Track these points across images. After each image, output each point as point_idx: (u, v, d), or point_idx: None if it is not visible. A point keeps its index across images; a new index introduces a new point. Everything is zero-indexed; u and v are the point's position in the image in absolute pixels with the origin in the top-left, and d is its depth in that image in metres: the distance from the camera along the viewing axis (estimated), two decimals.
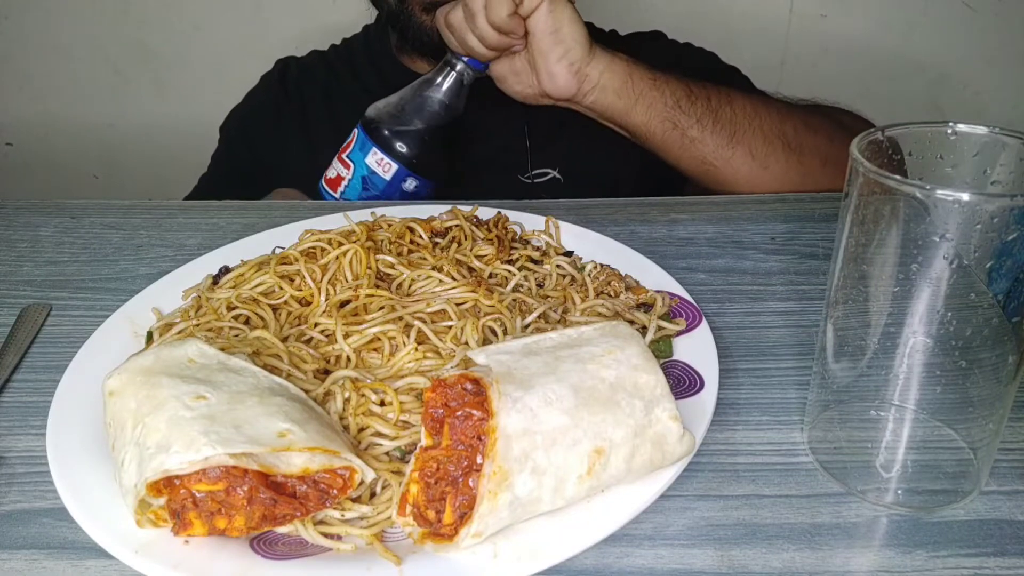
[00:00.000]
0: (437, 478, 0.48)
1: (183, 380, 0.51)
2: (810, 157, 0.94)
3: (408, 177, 0.88)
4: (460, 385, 0.50)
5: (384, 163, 0.87)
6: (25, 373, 0.66)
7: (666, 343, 0.65)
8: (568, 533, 0.48)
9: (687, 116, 0.92)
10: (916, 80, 1.62)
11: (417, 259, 0.73)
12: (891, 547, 0.50)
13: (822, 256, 0.81)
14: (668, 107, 0.91)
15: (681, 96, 0.92)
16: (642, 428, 0.50)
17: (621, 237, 0.79)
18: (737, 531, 0.51)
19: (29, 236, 0.86)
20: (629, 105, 0.91)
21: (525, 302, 0.69)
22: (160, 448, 0.47)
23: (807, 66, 1.60)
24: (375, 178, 0.88)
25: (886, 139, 0.49)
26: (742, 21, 1.57)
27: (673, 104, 0.92)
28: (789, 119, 0.95)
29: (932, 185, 0.44)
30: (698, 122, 0.92)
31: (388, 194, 0.90)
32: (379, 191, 0.89)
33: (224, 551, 0.48)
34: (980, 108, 1.65)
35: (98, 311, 0.72)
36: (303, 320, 0.68)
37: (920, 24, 1.56)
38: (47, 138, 1.65)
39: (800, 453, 0.57)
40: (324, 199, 0.95)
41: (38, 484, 0.55)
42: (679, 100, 0.92)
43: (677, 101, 0.92)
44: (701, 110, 0.92)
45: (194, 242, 0.84)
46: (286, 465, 0.48)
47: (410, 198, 0.91)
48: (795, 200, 0.91)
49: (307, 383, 0.59)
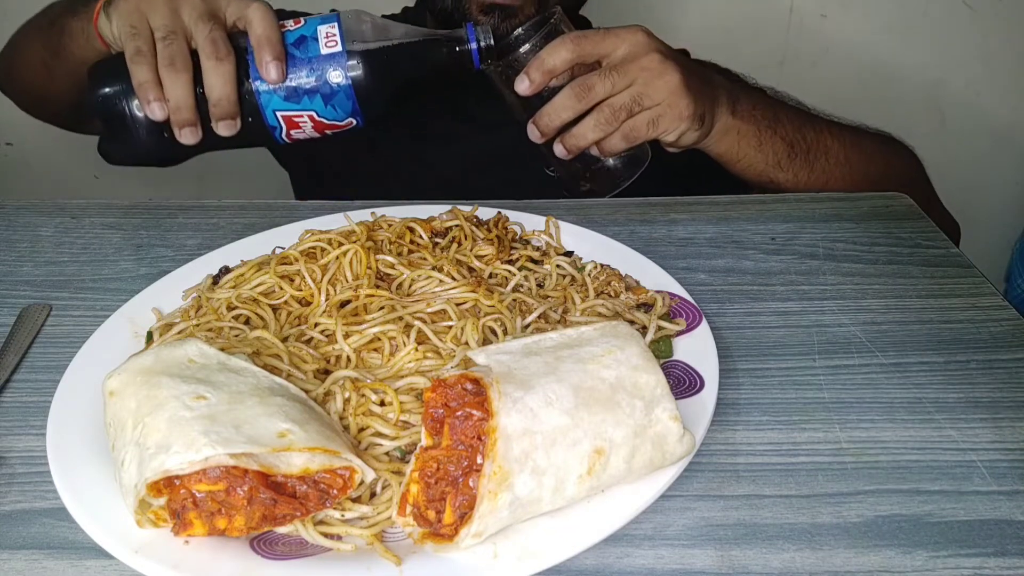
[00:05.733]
0: (437, 478, 0.48)
1: (183, 380, 0.51)
2: (869, 184, 0.97)
3: (340, 72, 0.77)
4: (460, 385, 0.50)
5: (331, 39, 0.77)
6: (25, 373, 0.66)
7: (666, 343, 0.65)
8: (568, 533, 0.48)
9: (783, 172, 0.94)
10: (916, 80, 1.61)
11: (417, 259, 0.73)
12: (891, 547, 0.50)
13: (822, 256, 0.81)
14: (768, 165, 0.93)
15: (782, 156, 0.93)
16: (642, 428, 0.50)
17: (621, 237, 0.79)
18: (737, 531, 0.51)
19: (29, 236, 0.86)
20: (729, 163, 0.93)
21: (525, 302, 0.69)
22: (160, 448, 0.47)
23: (807, 66, 1.60)
24: (311, 45, 0.77)
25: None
26: (742, 21, 1.57)
27: (773, 163, 0.93)
28: (873, 163, 0.97)
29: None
30: (793, 176, 0.94)
31: (307, 74, 0.77)
32: (302, 63, 0.77)
33: (224, 551, 0.48)
34: (980, 108, 1.64)
35: (98, 311, 0.72)
36: (303, 320, 0.68)
37: (920, 24, 1.56)
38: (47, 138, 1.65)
39: (800, 453, 0.57)
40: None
41: (38, 484, 0.55)
42: (780, 160, 0.93)
43: (778, 161, 0.93)
44: (798, 166, 0.94)
45: (194, 242, 0.84)
46: (286, 465, 0.48)
47: (321, 108, 0.78)
48: (795, 200, 0.91)
49: (307, 383, 0.59)
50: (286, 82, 0.76)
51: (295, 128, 0.79)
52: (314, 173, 1.21)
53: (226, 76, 0.74)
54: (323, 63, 0.77)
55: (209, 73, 0.74)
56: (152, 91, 0.73)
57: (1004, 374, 0.65)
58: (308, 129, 0.80)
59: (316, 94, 0.77)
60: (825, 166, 0.95)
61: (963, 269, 0.78)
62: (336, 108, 0.79)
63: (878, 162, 0.98)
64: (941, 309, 0.72)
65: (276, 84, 0.76)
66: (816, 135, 0.95)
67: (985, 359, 0.66)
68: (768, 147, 0.92)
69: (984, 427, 0.59)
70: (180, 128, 0.74)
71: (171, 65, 0.73)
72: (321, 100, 0.78)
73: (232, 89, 0.74)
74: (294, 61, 0.76)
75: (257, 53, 0.75)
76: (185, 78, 0.73)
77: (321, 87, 0.77)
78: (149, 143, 0.78)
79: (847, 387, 0.64)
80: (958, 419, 0.60)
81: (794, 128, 0.94)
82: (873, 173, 0.97)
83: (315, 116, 0.79)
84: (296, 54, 0.77)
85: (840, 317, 0.72)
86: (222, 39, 0.74)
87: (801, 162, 0.94)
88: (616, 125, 0.81)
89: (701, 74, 0.87)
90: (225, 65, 0.74)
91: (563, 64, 0.79)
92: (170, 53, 0.73)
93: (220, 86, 0.74)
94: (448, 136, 1.14)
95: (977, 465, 0.56)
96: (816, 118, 0.98)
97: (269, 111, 0.78)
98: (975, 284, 0.76)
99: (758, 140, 0.91)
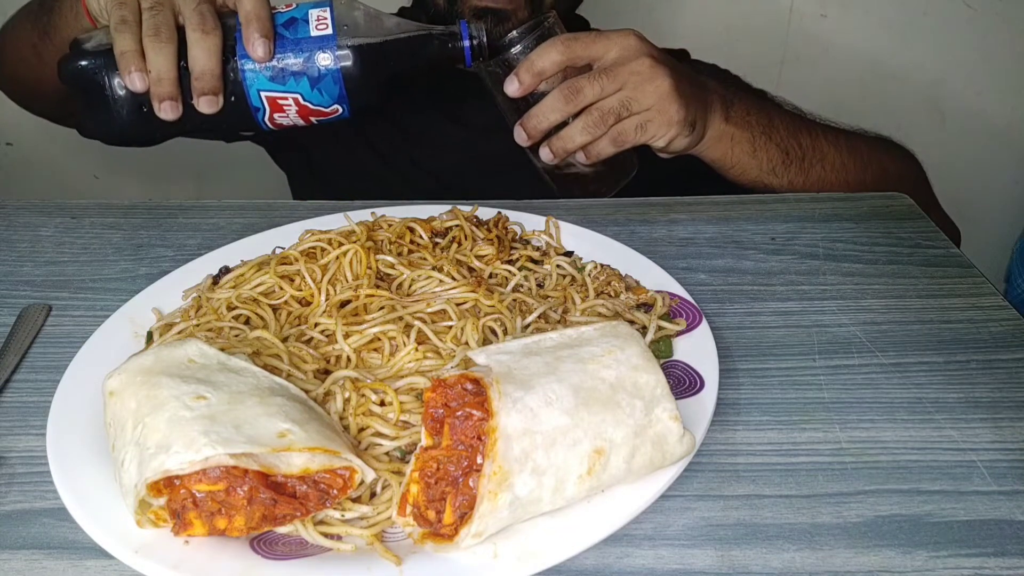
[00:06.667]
0: (437, 478, 0.48)
1: (183, 380, 0.51)
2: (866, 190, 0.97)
3: (329, 56, 0.76)
4: (460, 385, 0.50)
5: (322, 22, 0.76)
6: (25, 373, 0.66)
7: (666, 343, 0.65)
8: (568, 533, 0.48)
9: (778, 179, 0.93)
10: (916, 80, 1.61)
11: (417, 259, 0.73)
12: (891, 547, 0.50)
13: (822, 256, 0.81)
14: (763, 172, 0.93)
15: (777, 162, 0.93)
16: (642, 428, 0.50)
17: (621, 237, 0.79)
18: (737, 531, 0.51)
19: (29, 236, 0.86)
20: (723, 168, 0.93)
21: (525, 302, 0.69)
22: (160, 448, 0.47)
23: (807, 66, 1.60)
24: (301, 26, 0.76)
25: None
26: (741, 21, 1.57)
27: (768, 170, 0.93)
28: (870, 169, 0.97)
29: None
30: (788, 183, 0.94)
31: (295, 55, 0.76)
32: (291, 44, 0.76)
33: (224, 551, 0.48)
34: (980, 108, 1.64)
35: (98, 311, 0.72)
36: (303, 320, 0.68)
37: (920, 24, 1.56)
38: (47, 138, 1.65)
39: (800, 453, 0.57)
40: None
41: (38, 484, 0.55)
42: (774, 166, 0.93)
43: (773, 167, 0.93)
44: (793, 173, 0.93)
45: (194, 242, 0.84)
46: (286, 465, 0.48)
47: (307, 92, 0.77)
48: (795, 200, 0.91)
49: (307, 383, 0.59)
50: (273, 62, 0.75)
51: (279, 111, 0.78)
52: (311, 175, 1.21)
53: (211, 49, 0.72)
54: (312, 45, 0.76)
55: (194, 45, 0.72)
56: (134, 61, 0.71)
57: (1004, 374, 0.65)
58: (292, 114, 0.78)
59: (303, 76, 0.76)
60: (821, 172, 0.95)
61: (963, 269, 0.78)
62: (322, 92, 0.77)
63: (875, 168, 0.98)
64: (941, 309, 0.72)
65: (262, 62, 0.75)
66: (812, 141, 0.95)
67: (985, 359, 0.66)
68: (763, 153, 0.92)
69: (984, 427, 0.59)
70: (160, 102, 0.72)
71: (155, 35, 0.71)
72: (308, 83, 0.77)
73: (216, 64, 0.73)
74: (283, 42, 0.75)
75: (245, 29, 0.73)
76: (169, 49, 0.71)
77: (308, 69, 0.76)
78: (126, 117, 0.76)
79: (847, 387, 0.64)
80: (958, 419, 0.60)
81: (789, 134, 0.93)
82: (870, 179, 0.97)
83: (300, 99, 0.77)
84: (285, 35, 0.76)
85: (840, 317, 0.72)
86: (210, 12, 0.73)
87: (796, 169, 0.93)
88: (604, 129, 0.80)
89: (693, 79, 0.87)
90: (211, 38, 0.72)
91: (553, 66, 0.79)
92: (155, 23, 0.72)
93: (204, 59, 0.72)
94: (444, 141, 1.14)
95: (977, 465, 0.56)
96: (812, 123, 0.98)
97: (253, 91, 0.76)
98: (975, 284, 0.76)
99: (752, 146, 0.91)
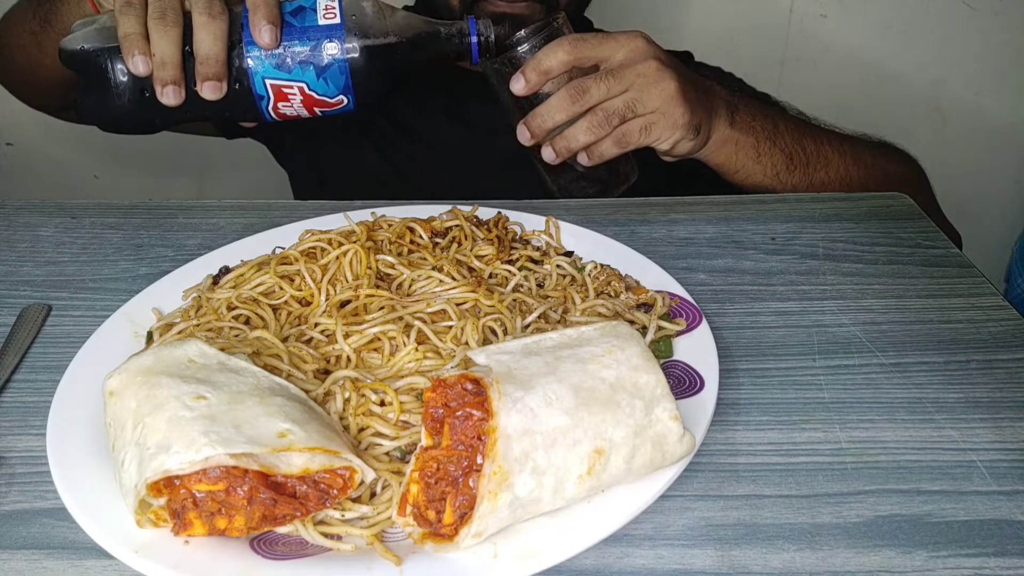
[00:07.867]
0: (437, 478, 0.48)
1: (183, 380, 0.51)
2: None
3: (337, 45, 0.75)
4: (460, 385, 0.50)
5: (331, 11, 0.75)
6: (25, 373, 0.66)
7: (666, 343, 0.65)
8: (568, 533, 0.48)
9: (782, 184, 0.93)
10: (916, 80, 1.62)
11: (417, 259, 0.73)
12: (891, 547, 0.50)
13: (822, 256, 0.81)
14: (767, 177, 0.93)
15: (781, 168, 0.93)
16: (642, 428, 0.50)
17: (621, 237, 0.79)
18: (737, 531, 0.51)
19: (29, 236, 0.86)
20: (727, 173, 0.93)
21: (525, 302, 0.69)
22: (160, 448, 0.47)
23: (807, 66, 1.60)
24: (308, 15, 0.76)
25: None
26: (742, 21, 1.57)
27: (772, 175, 0.93)
28: (873, 174, 0.97)
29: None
30: (792, 188, 0.94)
31: (302, 43, 0.75)
32: (298, 32, 0.75)
33: (224, 551, 0.48)
34: (980, 108, 1.65)
35: (98, 311, 0.72)
36: (303, 320, 0.68)
37: (920, 24, 1.56)
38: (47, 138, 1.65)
39: (800, 453, 0.57)
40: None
41: (38, 484, 0.55)
42: (778, 172, 0.93)
43: (776, 173, 0.93)
44: (797, 178, 0.93)
45: (194, 242, 0.84)
46: (286, 465, 0.48)
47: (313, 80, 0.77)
48: (795, 200, 0.91)
49: (307, 383, 0.59)
50: (279, 49, 0.75)
51: (283, 100, 0.77)
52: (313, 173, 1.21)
53: (217, 33, 0.71)
54: (319, 34, 0.75)
55: (200, 29, 0.71)
56: (138, 44, 0.70)
57: (1004, 374, 0.65)
58: (297, 104, 0.78)
59: (309, 65, 0.76)
60: (824, 178, 0.95)
61: (963, 269, 0.78)
62: (328, 82, 0.77)
63: (878, 173, 0.98)
64: (941, 309, 0.72)
65: (269, 48, 0.74)
66: (816, 147, 0.95)
67: (985, 359, 0.66)
68: (767, 159, 0.92)
69: (984, 427, 0.59)
70: (163, 86, 0.71)
71: (161, 18, 0.71)
72: (314, 72, 0.76)
73: (222, 48, 0.72)
74: (290, 30, 0.75)
75: (252, 15, 0.73)
76: (174, 33, 0.71)
77: (315, 58, 0.76)
78: (128, 101, 0.75)
79: (847, 387, 0.64)
80: (958, 419, 0.60)
81: (793, 140, 0.93)
82: (872, 184, 0.97)
83: (305, 89, 0.77)
84: (293, 23, 0.75)
85: (840, 317, 0.72)
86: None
87: (800, 174, 0.94)
88: (608, 130, 0.80)
89: (699, 84, 0.87)
90: (218, 23, 0.71)
91: (560, 66, 0.79)
92: (162, 6, 0.71)
93: (209, 43, 0.71)
94: (445, 141, 1.14)
95: (977, 465, 0.56)
96: (816, 129, 0.98)
97: (258, 78, 0.76)
98: (975, 284, 0.76)
99: (756, 152, 0.91)
